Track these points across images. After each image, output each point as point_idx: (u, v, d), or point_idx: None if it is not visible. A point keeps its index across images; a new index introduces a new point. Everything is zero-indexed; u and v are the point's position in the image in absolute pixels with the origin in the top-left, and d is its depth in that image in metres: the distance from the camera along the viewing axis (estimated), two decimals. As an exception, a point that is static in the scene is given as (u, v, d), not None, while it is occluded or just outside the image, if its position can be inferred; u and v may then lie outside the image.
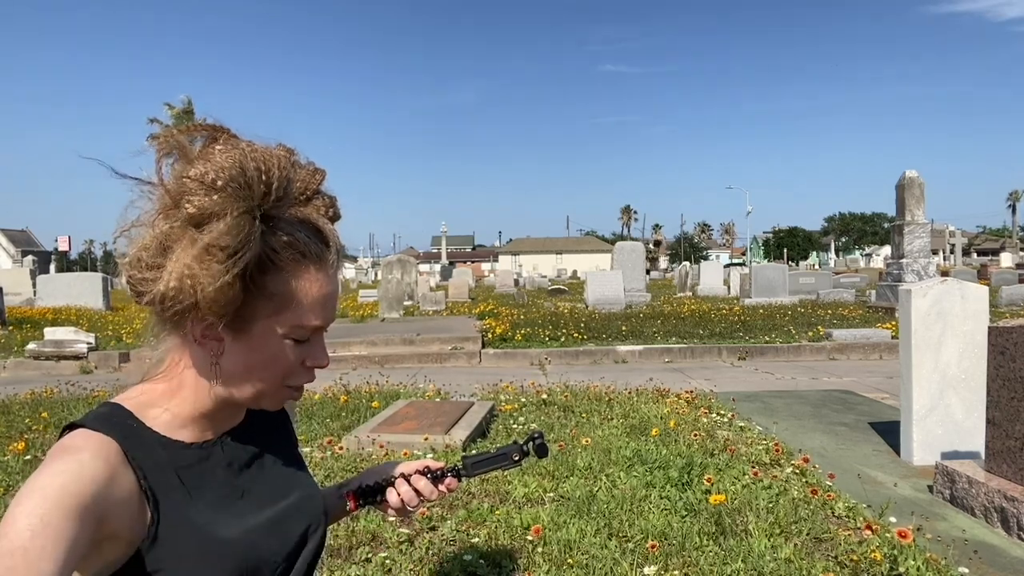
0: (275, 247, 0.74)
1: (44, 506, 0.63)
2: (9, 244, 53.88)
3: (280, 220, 0.75)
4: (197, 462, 0.81)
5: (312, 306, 0.77)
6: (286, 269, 0.75)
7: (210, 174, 0.69)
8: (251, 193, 0.70)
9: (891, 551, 2.65)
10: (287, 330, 0.77)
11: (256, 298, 0.74)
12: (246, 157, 0.71)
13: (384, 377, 7.49)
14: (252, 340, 0.77)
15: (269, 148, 0.75)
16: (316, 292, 0.77)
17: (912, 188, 13.71)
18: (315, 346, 0.82)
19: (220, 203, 0.69)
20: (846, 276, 28.05)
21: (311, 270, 0.77)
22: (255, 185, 0.71)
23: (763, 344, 10.06)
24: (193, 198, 0.69)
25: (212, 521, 0.79)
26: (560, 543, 2.80)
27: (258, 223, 0.71)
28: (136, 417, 0.78)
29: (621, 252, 18.22)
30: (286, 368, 0.80)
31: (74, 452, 0.70)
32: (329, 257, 0.79)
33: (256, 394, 0.81)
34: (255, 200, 0.71)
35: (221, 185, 0.69)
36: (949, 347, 4.24)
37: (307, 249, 0.76)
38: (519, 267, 59.94)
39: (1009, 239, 72.79)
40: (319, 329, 0.80)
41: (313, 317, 0.78)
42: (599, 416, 5.13)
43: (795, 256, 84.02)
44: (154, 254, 0.71)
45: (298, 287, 0.76)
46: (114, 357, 9.89)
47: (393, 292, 15.24)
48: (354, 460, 4.04)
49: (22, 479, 3.86)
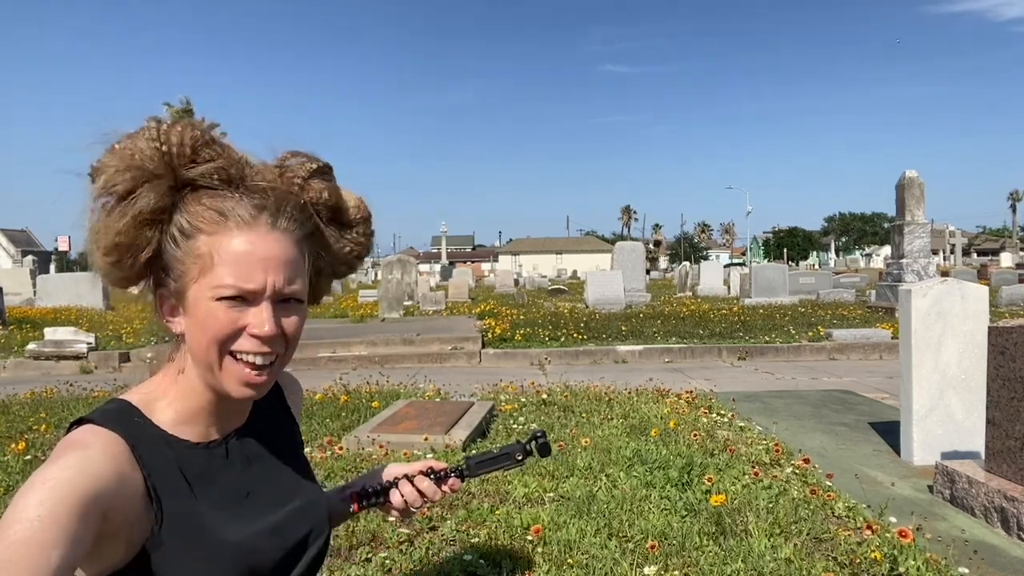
0: (193, 207, 0.77)
1: (51, 499, 0.64)
2: (9, 244, 53.86)
3: (203, 185, 0.78)
4: (202, 462, 0.81)
5: (236, 264, 0.76)
6: (206, 229, 0.77)
7: (115, 141, 0.76)
8: (150, 151, 0.75)
9: (891, 551, 2.65)
10: (212, 291, 0.76)
11: (186, 263, 0.77)
12: (152, 128, 0.76)
13: (384, 377, 7.48)
14: (193, 308, 0.78)
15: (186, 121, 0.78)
16: (236, 248, 0.76)
17: (912, 188, 13.71)
18: (252, 311, 0.78)
19: (112, 158, 0.75)
20: (846, 276, 28.03)
21: (232, 229, 0.77)
22: (147, 143, 0.75)
23: (763, 344, 10.05)
24: (98, 160, 0.76)
25: (216, 522, 0.79)
26: (560, 543, 2.80)
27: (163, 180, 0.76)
28: (143, 414, 0.79)
29: (621, 252, 18.21)
30: (215, 331, 0.77)
31: (82, 447, 0.70)
32: (259, 219, 0.78)
33: (208, 367, 0.79)
34: (154, 159, 0.75)
35: (120, 147, 0.75)
36: (949, 347, 4.24)
37: (228, 211, 0.77)
38: (519, 267, 59.93)
39: (1009, 239, 72.77)
40: (249, 291, 0.77)
41: (238, 275, 0.76)
42: (599, 416, 5.13)
43: (795, 256, 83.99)
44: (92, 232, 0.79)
45: (217, 243, 0.77)
46: (114, 357, 9.88)
47: (393, 292, 15.23)
48: (354, 460, 4.03)
49: (22, 479, 3.86)
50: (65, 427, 3.84)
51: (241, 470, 0.86)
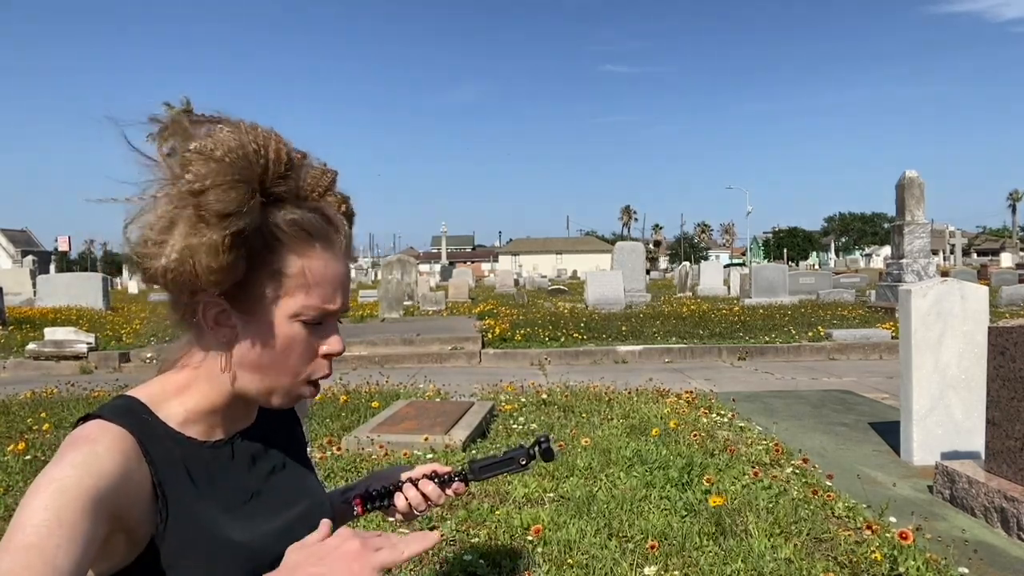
0: (279, 224, 0.75)
1: (59, 501, 0.63)
2: (9, 244, 53.87)
3: (287, 201, 0.76)
4: (209, 461, 0.81)
5: (321, 285, 0.77)
6: (292, 247, 0.76)
7: (210, 145, 0.71)
8: (248, 165, 0.72)
9: (891, 551, 2.65)
10: (296, 310, 0.76)
11: (263, 277, 0.75)
12: (245, 134, 0.73)
13: (384, 377, 7.48)
14: (261, 324, 0.77)
15: (271, 130, 0.76)
16: (322, 270, 0.77)
17: (912, 188, 13.71)
18: (327, 330, 0.80)
19: (216, 171, 0.70)
20: (846, 276, 28.04)
21: (317, 248, 0.77)
22: (253, 158, 0.72)
23: (763, 344, 10.06)
24: (191, 167, 0.71)
25: (222, 521, 0.79)
26: (560, 543, 2.80)
27: (257, 196, 0.73)
28: (151, 411, 0.78)
29: (621, 252, 18.21)
30: (297, 354, 0.79)
31: (89, 443, 0.70)
32: (338, 239, 0.79)
33: (269, 386, 0.80)
34: (253, 172, 0.72)
35: (219, 155, 0.71)
36: (949, 347, 4.24)
37: (312, 228, 0.77)
38: (519, 267, 59.93)
39: (1009, 239, 72.78)
40: (329, 313, 0.79)
41: (321, 297, 0.77)
42: (599, 416, 5.13)
43: (795, 256, 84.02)
44: (159, 231, 0.72)
45: (304, 265, 0.76)
46: (114, 357, 9.88)
47: (393, 292, 15.23)
48: (354, 460, 4.03)
49: (22, 479, 3.86)
50: (65, 427, 3.84)
51: (246, 470, 0.86)
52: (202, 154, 0.71)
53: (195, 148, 0.71)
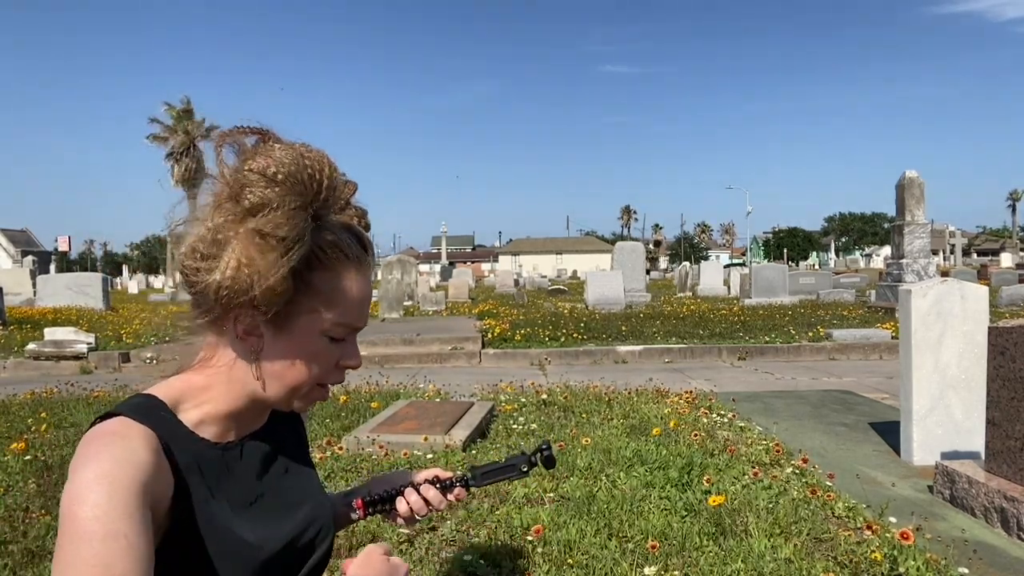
0: (322, 245, 0.77)
1: (119, 493, 0.65)
2: (9, 244, 53.88)
3: (327, 220, 0.78)
4: (219, 462, 0.82)
5: (352, 305, 0.80)
6: (331, 267, 0.78)
7: (271, 167, 0.72)
8: (305, 190, 0.73)
9: (891, 551, 2.65)
10: (327, 328, 0.79)
11: (302, 294, 0.77)
12: (302, 156, 0.74)
13: (384, 377, 7.48)
14: (293, 337, 0.79)
15: (323, 152, 0.78)
16: (356, 292, 0.80)
17: (912, 188, 13.71)
18: (349, 346, 0.84)
19: (279, 195, 0.72)
20: (846, 276, 28.05)
21: (352, 271, 0.80)
22: (309, 183, 0.74)
23: (763, 344, 10.06)
24: (254, 189, 0.71)
25: (231, 521, 0.80)
26: (560, 543, 2.80)
27: (310, 219, 0.74)
28: (171, 410, 0.79)
29: (621, 252, 18.22)
30: (322, 366, 0.82)
31: (123, 439, 0.70)
32: (368, 261, 0.82)
33: (290, 392, 0.82)
34: (309, 197, 0.74)
35: (281, 179, 0.72)
36: (949, 347, 4.24)
37: (350, 251, 0.79)
38: (519, 267, 59.94)
39: (1009, 239, 72.80)
40: (356, 329, 0.83)
41: (351, 315, 0.81)
42: (599, 416, 5.13)
43: (795, 256, 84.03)
44: (209, 245, 0.73)
45: (341, 286, 0.79)
46: (114, 357, 9.89)
47: (393, 292, 15.24)
48: (354, 460, 4.03)
49: (22, 479, 3.86)
50: (65, 427, 3.82)
51: (254, 472, 0.87)
52: (264, 175, 0.72)
53: (256, 168, 0.72)
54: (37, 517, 3.27)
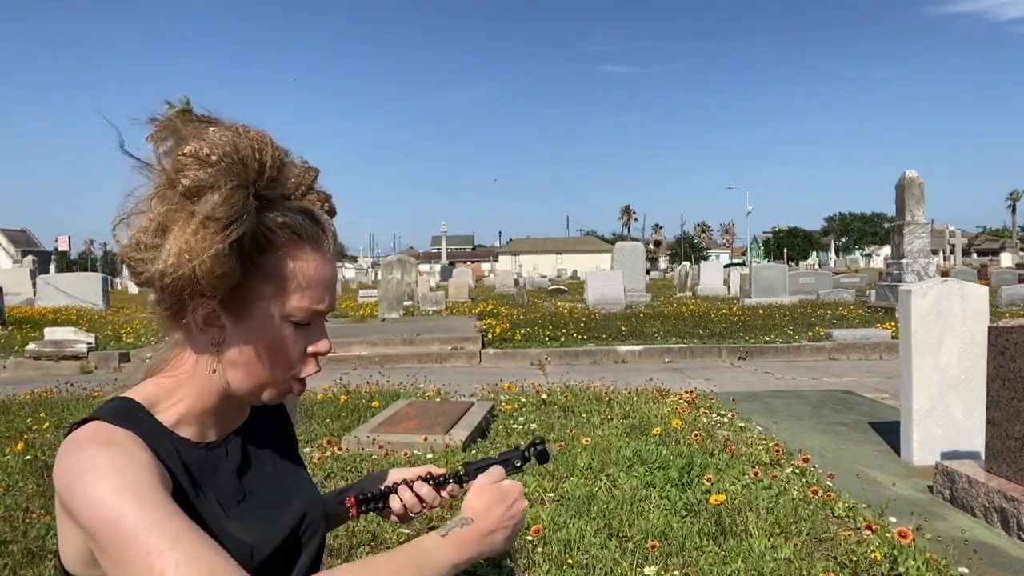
0: (271, 226, 0.75)
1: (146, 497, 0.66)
2: (9, 244, 53.86)
3: (275, 202, 0.77)
4: (203, 461, 0.81)
5: (311, 286, 0.78)
6: (282, 248, 0.76)
7: (204, 149, 0.71)
8: (244, 169, 0.72)
9: (891, 551, 2.65)
10: (288, 311, 0.77)
11: (255, 279, 0.75)
12: (240, 136, 0.73)
13: (384, 377, 7.48)
14: (253, 324, 0.77)
15: (264, 132, 0.76)
16: (312, 272, 0.78)
17: (912, 188, 13.71)
18: (316, 331, 0.82)
19: (214, 176, 0.70)
20: (846, 276, 28.04)
21: (307, 250, 0.78)
22: (248, 162, 0.72)
23: (763, 344, 10.06)
24: (188, 172, 0.70)
25: (221, 520, 0.79)
26: (560, 543, 2.80)
27: (251, 199, 0.73)
28: (148, 412, 0.78)
29: (621, 252, 18.22)
30: (287, 353, 0.80)
31: (112, 445, 0.69)
32: (326, 241, 0.80)
33: (258, 384, 0.80)
34: (249, 176, 0.72)
35: (215, 160, 0.70)
36: (949, 347, 4.24)
37: (303, 230, 0.77)
38: (519, 267, 59.92)
39: (1009, 239, 72.76)
40: (318, 313, 0.80)
41: (312, 298, 0.78)
42: (599, 416, 5.13)
43: (795, 256, 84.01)
44: (152, 235, 0.72)
45: (295, 267, 0.77)
46: (114, 357, 9.89)
47: (393, 292, 15.23)
48: (354, 460, 4.03)
49: (22, 479, 3.86)
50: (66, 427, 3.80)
51: (239, 470, 0.86)
52: (197, 158, 0.70)
53: (189, 152, 0.71)
54: (37, 517, 3.27)
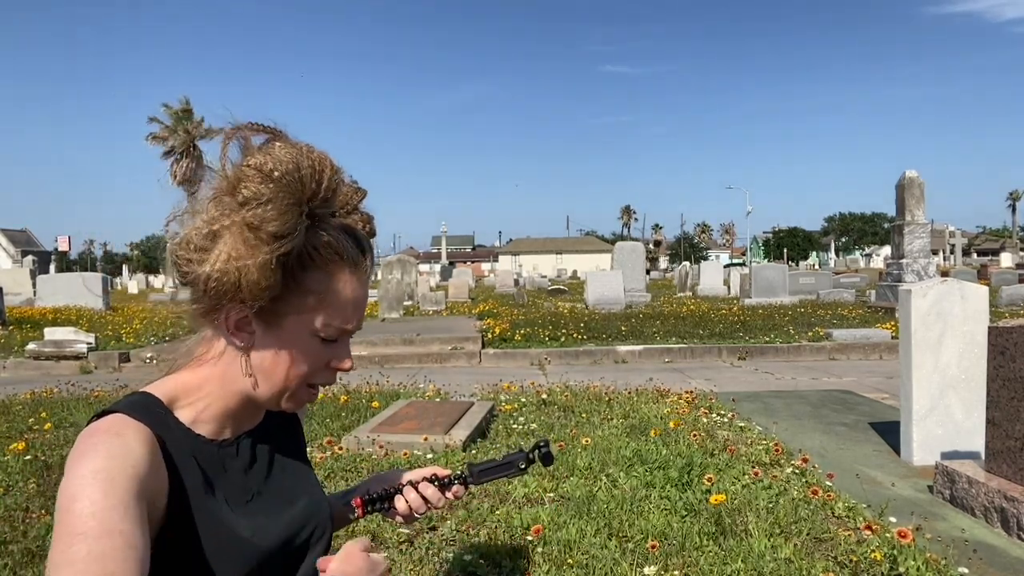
0: (316, 245, 0.77)
1: (115, 489, 0.65)
2: (9, 244, 53.87)
3: (324, 221, 0.78)
4: (216, 459, 0.83)
5: (344, 307, 0.80)
6: (324, 268, 0.78)
7: (268, 164, 0.73)
8: (302, 188, 0.74)
9: (891, 551, 2.65)
10: (318, 327, 0.79)
11: (292, 293, 0.77)
12: (303, 155, 0.75)
13: (384, 377, 7.48)
14: (283, 334, 0.79)
15: (325, 154, 0.78)
16: (349, 294, 0.80)
17: (912, 188, 13.71)
18: (341, 347, 0.84)
19: (272, 191, 0.72)
20: (846, 276, 28.04)
21: (346, 272, 0.80)
22: (307, 181, 0.74)
23: (763, 344, 10.05)
24: (250, 184, 0.72)
25: (229, 519, 0.80)
26: (560, 543, 2.80)
27: (304, 217, 0.74)
28: (167, 408, 0.80)
29: (621, 252, 18.22)
30: (312, 366, 0.82)
31: (117, 436, 0.71)
32: (364, 264, 0.82)
33: (279, 391, 0.82)
34: (305, 195, 0.74)
35: (277, 176, 0.72)
36: (949, 347, 4.24)
37: (345, 252, 0.79)
38: (519, 267, 59.91)
39: (1009, 239, 72.77)
40: (347, 331, 0.83)
41: (344, 318, 0.81)
42: (599, 416, 5.13)
43: (795, 256, 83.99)
44: (204, 237, 0.73)
45: (333, 286, 0.79)
46: (114, 357, 9.88)
47: (393, 292, 15.23)
48: (354, 460, 4.03)
49: (22, 479, 3.86)
50: (65, 427, 3.81)
51: (250, 470, 0.87)
52: (260, 171, 0.72)
53: (253, 164, 0.73)
54: (37, 517, 3.27)
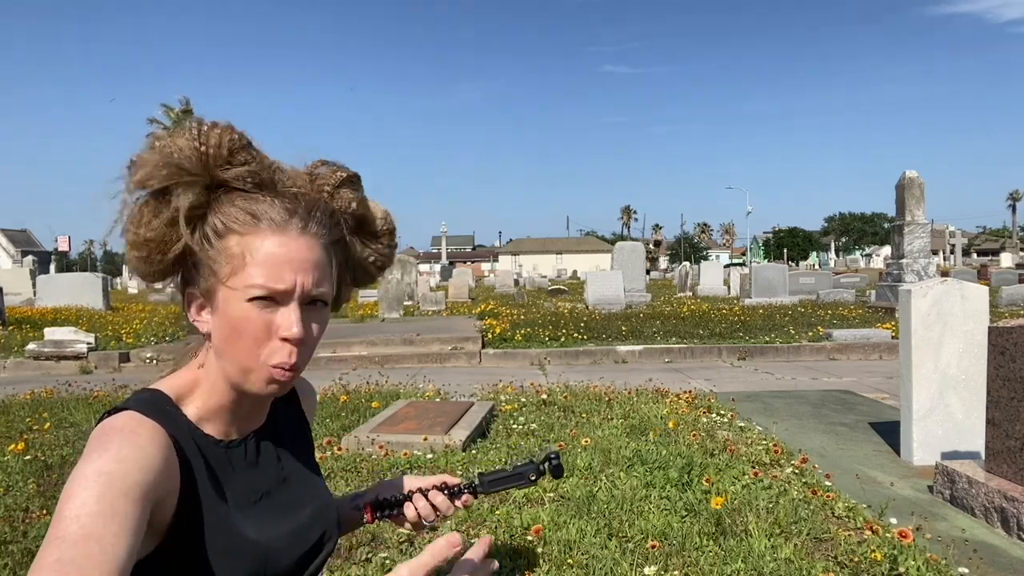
0: (227, 209, 0.79)
1: (111, 492, 0.65)
2: (9, 244, 53.84)
3: (237, 188, 0.80)
4: (223, 459, 0.83)
5: (267, 264, 0.78)
6: (236, 229, 0.79)
7: (164, 139, 0.78)
8: (178, 149, 0.77)
9: (891, 551, 2.65)
10: (243, 288, 0.78)
11: (216, 263, 0.79)
12: (197, 127, 0.78)
13: (384, 377, 7.48)
14: (224, 308, 0.80)
15: (225, 124, 0.80)
16: (272, 251, 0.78)
17: (912, 188, 13.70)
18: (282, 315, 0.80)
19: (148, 159, 0.77)
20: (846, 276, 28.02)
21: (264, 230, 0.79)
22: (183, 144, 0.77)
23: (763, 344, 10.05)
24: (141, 156, 0.78)
25: (237, 519, 0.80)
26: (560, 543, 2.80)
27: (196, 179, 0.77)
28: (176, 405, 0.81)
29: (621, 252, 18.21)
30: (251, 335, 0.79)
31: (130, 436, 0.71)
32: (292, 221, 0.80)
33: (239, 369, 0.81)
34: (191, 160, 0.77)
35: (158, 147, 0.77)
36: (949, 347, 4.24)
37: (260, 210, 0.79)
38: (519, 267, 59.90)
39: (1009, 239, 72.75)
40: (280, 292, 0.79)
41: (266, 276, 0.78)
42: (599, 416, 5.13)
43: (795, 256, 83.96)
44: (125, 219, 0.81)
45: (249, 244, 0.78)
46: (114, 357, 9.88)
47: (393, 292, 15.23)
48: (354, 460, 4.03)
49: (22, 479, 3.86)
50: (65, 427, 3.81)
51: (258, 471, 0.87)
52: (153, 148, 0.77)
53: (154, 144, 0.78)
54: (37, 517, 3.27)
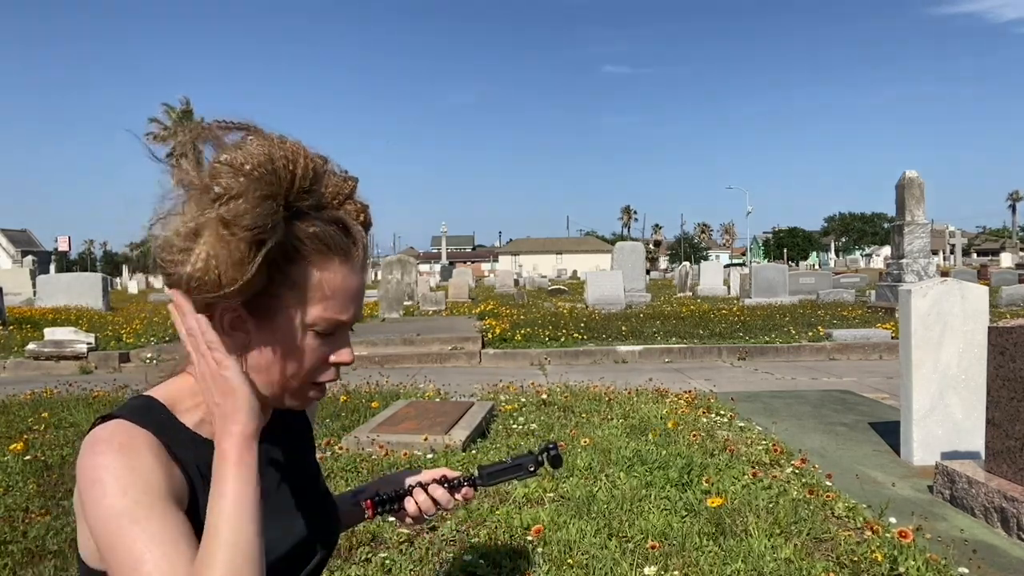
0: (300, 236, 0.76)
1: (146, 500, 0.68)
2: (9, 244, 53.85)
3: (307, 213, 0.77)
4: None
5: (335, 298, 0.78)
6: (310, 259, 0.76)
7: (239, 159, 0.72)
8: (276, 179, 0.73)
9: (891, 551, 2.65)
10: (310, 321, 0.78)
11: (281, 287, 0.76)
12: (275, 147, 0.74)
13: (384, 377, 7.48)
14: (276, 331, 0.78)
15: (299, 144, 0.77)
16: (340, 284, 0.78)
17: (912, 188, 13.70)
18: (339, 341, 0.82)
19: (244, 185, 0.71)
20: (846, 276, 28.02)
21: (335, 262, 0.78)
22: (281, 173, 0.73)
23: (763, 344, 10.05)
24: (221, 179, 0.72)
25: None
26: (560, 543, 2.80)
27: (281, 209, 0.73)
28: (169, 411, 0.79)
29: (621, 252, 18.22)
30: (309, 362, 0.80)
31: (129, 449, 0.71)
32: (355, 253, 0.80)
33: (279, 390, 0.81)
34: (280, 187, 0.73)
35: (248, 169, 0.72)
36: (949, 347, 4.24)
37: (332, 242, 0.78)
38: (519, 267, 59.91)
39: (1009, 239, 72.77)
40: (343, 324, 0.81)
41: (335, 309, 0.79)
42: (599, 416, 5.13)
43: (795, 256, 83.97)
44: (184, 238, 0.72)
45: (322, 278, 0.77)
46: (114, 357, 9.88)
47: (393, 292, 15.23)
48: (354, 460, 4.03)
49: (22, 479, 3.86)
50: (65, 427, 3.80)
51: (258, 472, 0.87)
52: (231, 167, 0.72)
53: (225, 160, 0.72)
54: (37, 517, 3.27)
